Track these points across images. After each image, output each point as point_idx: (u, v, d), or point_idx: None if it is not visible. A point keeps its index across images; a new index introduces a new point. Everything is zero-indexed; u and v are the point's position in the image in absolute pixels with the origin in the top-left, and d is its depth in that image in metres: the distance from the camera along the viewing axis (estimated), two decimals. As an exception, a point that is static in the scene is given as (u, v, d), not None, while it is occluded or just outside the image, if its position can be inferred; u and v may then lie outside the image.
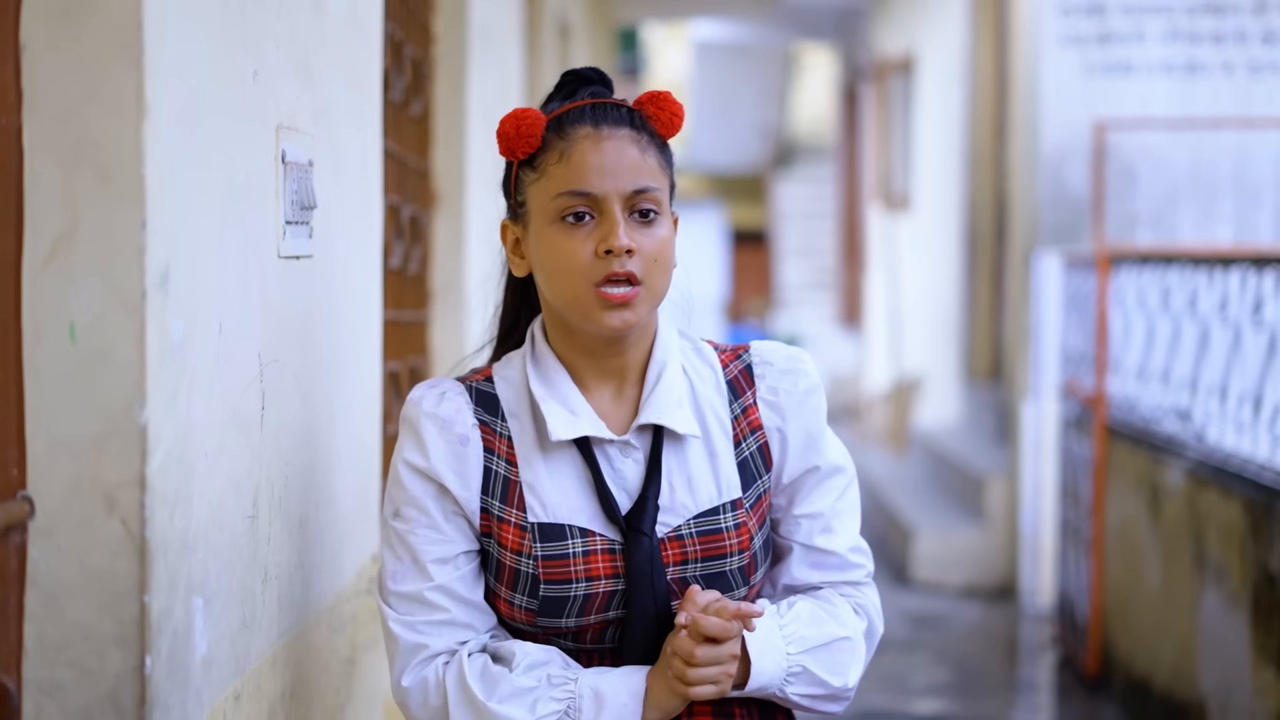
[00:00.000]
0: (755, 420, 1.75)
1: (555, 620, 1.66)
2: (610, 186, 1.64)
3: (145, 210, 1.37)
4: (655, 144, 1.69)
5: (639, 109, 1.70)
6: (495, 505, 1.67)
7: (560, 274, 1.64)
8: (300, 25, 1.92)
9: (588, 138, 1.65)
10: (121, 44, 1.36)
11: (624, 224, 1.64)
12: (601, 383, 1.71)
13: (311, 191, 1.94)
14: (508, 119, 1.70)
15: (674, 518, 1.68)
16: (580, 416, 1.68)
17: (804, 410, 1.76)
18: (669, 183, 1.71)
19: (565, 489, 1.68)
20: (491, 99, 3.95)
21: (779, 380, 1.76)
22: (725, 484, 1.71)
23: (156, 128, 1.39)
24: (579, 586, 1.65)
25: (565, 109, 1.68)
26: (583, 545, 1.65)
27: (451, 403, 1.70)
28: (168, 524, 1.44)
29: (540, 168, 1.68)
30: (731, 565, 1.69)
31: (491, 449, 1.69)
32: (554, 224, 1.65)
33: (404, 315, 3.21)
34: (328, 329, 2.11)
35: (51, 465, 1.38)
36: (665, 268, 1.67)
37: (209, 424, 1.57)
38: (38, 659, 1.38)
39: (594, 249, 1.63)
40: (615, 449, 1.69)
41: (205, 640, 1.56)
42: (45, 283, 1.37)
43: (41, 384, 1.38)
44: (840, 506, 1.78)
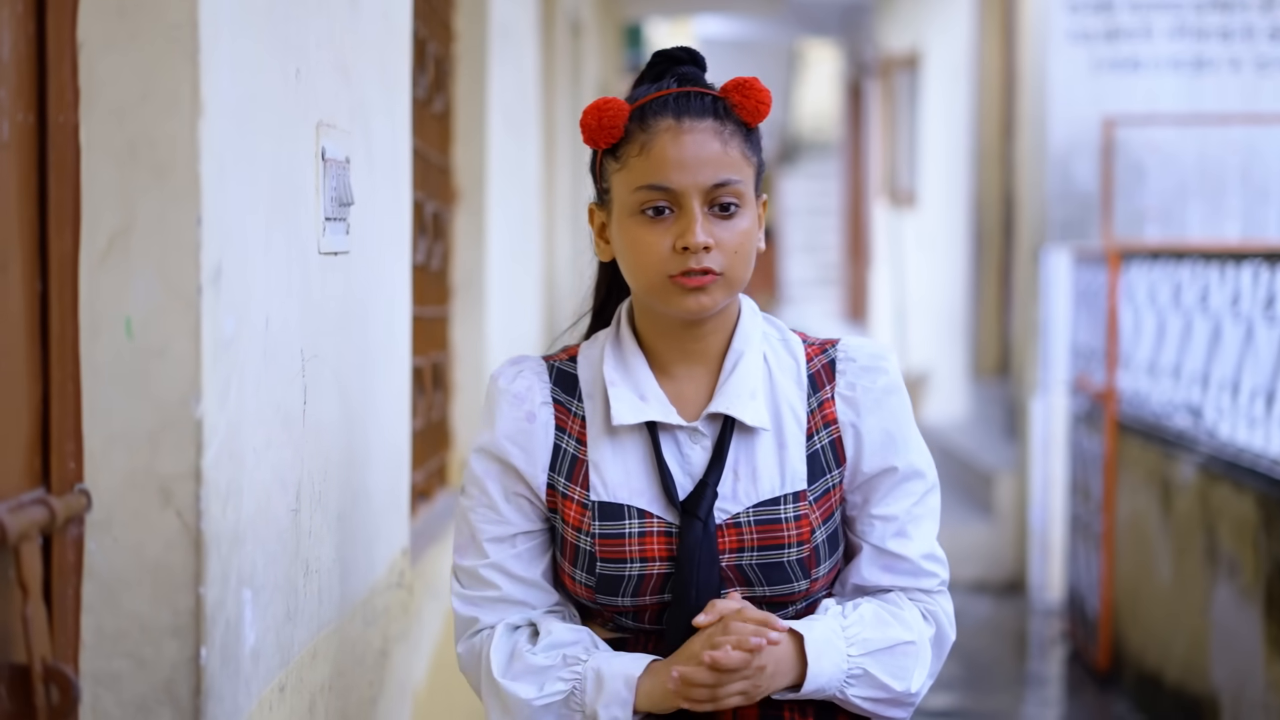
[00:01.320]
0: (830, 414, 1.74)
1: (612, 598, 1.68)
2: (689, 181, 1.64)
3: (200, 206, 1.39)
4: (740, 132, 1.68)
5: (724, 97, 1.69)
6: (561, 482, 1.70)
7: (639, 265, 1.66)
8: (338, 24, 1.94)
9: (668, 130, 1.65)
10: (177, 42, 1.37)
11: (702, 219, 1.64)
12: (681, 366, 1.73)
13: (349, 188, 1.96)
14: (590, 109, 1.70)
15: (734, 505, 1.69)
16: (649, 402, 1.69)
17: (881, 409, 1.75)
18: (754, 170, 1.70)
19: (629, 470, 1.70)
20: (510, 95, 3.97)
21: (858, 377, 1.76)
22: (791, 475, 1.71)
23: (211, 125, 1.41)
24: (633, 566, 1.67)
25: (648, 99, 1.68)
26: (639, 526, 1.67)
27: (525, 380, 1.73)
28: (220, 517, 1.46)
29: (622, 159, 1.68)
30: (789, 556, 1.69)
31: (563, 427, 1.72)
32: (634, 215, 1.66)
33: (426, 311, 3.23)
34: (362, 325, 2.13)
35: (108, 459, 1.40)
36: (745, 259, 1.67)
37: (257, 418, 1.59)
38: (95, 650, 1.40)
39: (672, 243, 1.64)
40: (684, 434, 1.71)
41: (254, 632, 1.58)
42: (102, 278, 1.39)
43: (98, 379, 1.39)
44: (917, 512, 1.76)
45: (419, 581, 2.68)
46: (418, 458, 3.11)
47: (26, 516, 1.24)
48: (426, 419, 3.21)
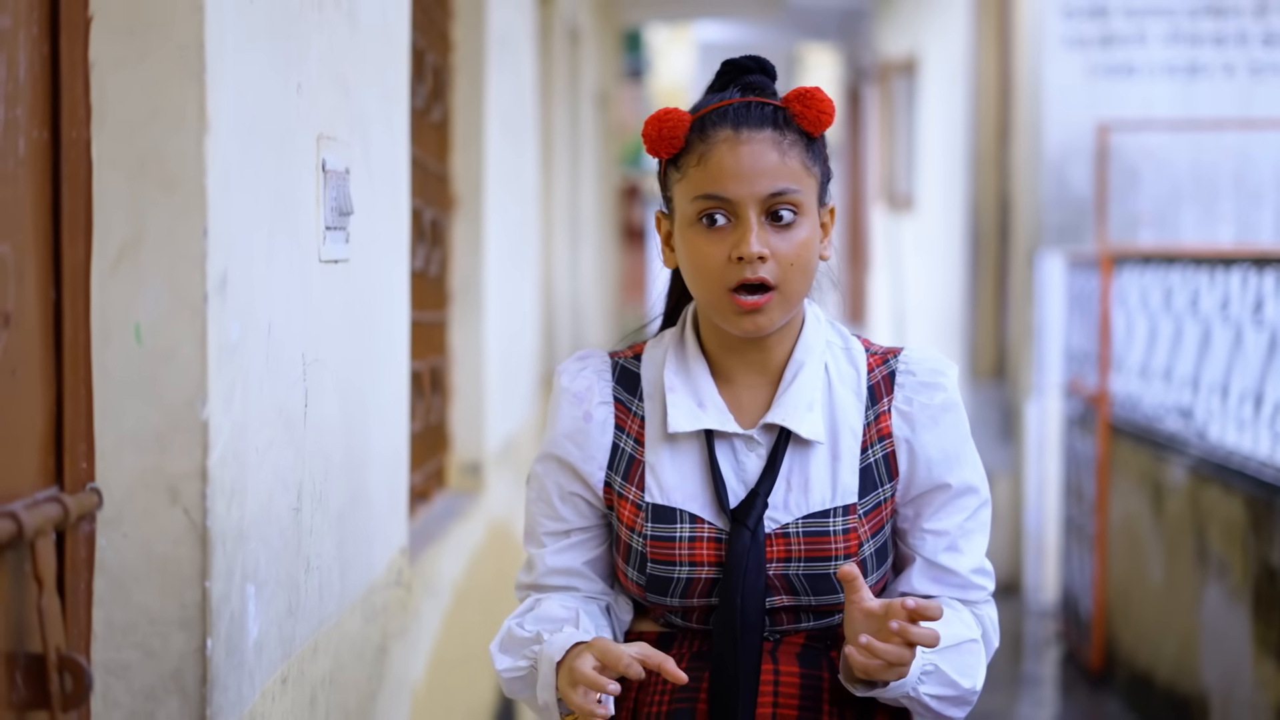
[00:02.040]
0: (886, 428, 1.75)
1: (661, 598, 1.72)
2: (745, 191, 1.65)
3: (207, 218, 1.46)
4: (801, 142, 1.69)
5: (785, 106, 1.69)
6: (618, 481, 1.74)
7: (698, 275, 1.68)
8: (338, 39, 2.01)
9: (726, 141, 1.66)
10: (185, 62, 1.44)
11: (758, 230, 1.65)
12: (742, 374, 1.74)
13: (349, 198, 2.02)
14: (651, 120, 1.71)
15: (784, 515, 1.71)
16: (707, 409, 1.72)
17: (937, 425, 1.75)
18: (817, 180, 1.71)
19: (684, 475, 1.72)
20: (508, 103, 4.04)
21: (916, 392, 1.76)
22: (842, 488, 1.72)
23: (217, 140, 1.48)
24: (682, 569, 1.70)
25: (709, 109, 1.70)
26: (690, 531, 1.70)
27: (585, 379, 1.77)
28: (225, 514, 1.52)
29: (683, 168, 1.70)
30: (836, 569, 1.69)
31: (623, 427, 1.75)
32: (693, 225, 1.68)
33: (425, 316, 3.30)
34: (362, 330, 2.20)
35: (119, 459, 1.47)
36: (804, 270, 1.68)
37: (260, 420, 1.66)
38: (106, 641, 1.47)
39: (728, 253, 1.65)
40: (740, 441, 1.73)
41: (257, 625, 1.64)
42: (113, 287, 1.46)
43: (109, 382, 1.46)
44: (969, 526, 1.77)
45: (417, 580, 2.75)
46: (416, 460, 3.17)
47: (41, 513, 1.30)
48: (425, 422, 3.27)
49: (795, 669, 1.72)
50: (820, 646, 1.74)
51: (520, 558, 1.87)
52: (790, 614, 1.72)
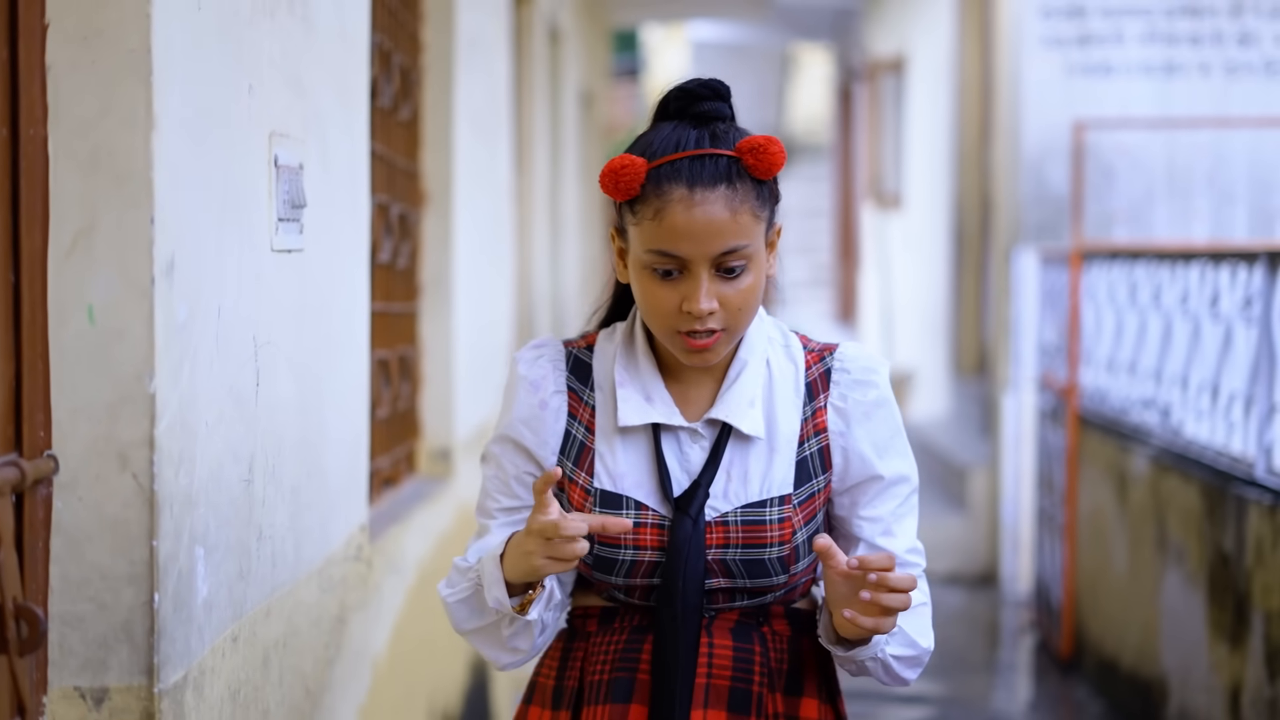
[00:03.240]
0: (822, 424, 1.85)
1: (607, 576, 1.82)
2: (698, 251, 1.72)
3: (154, 208, 1.59)
4: (752, 191, 1.76)
5: (738, 157, 1.75)
6: (569, 466, 1.84)
7: (650, 314, 1.78)
8: (292, 43, 2.14)
9: (681, 201, 1.72)
10: (133, 65, 1.58)
11: (708, 283, 1.73)
12: (688, 372, 1.84)
13: (302, 191, 2.15)
14: (609, 170, 1.76)
15: (724, 504, 1.80)
16: (655, 403, 1.81)
17: (870, 420, 1.85)
18: (765, 221, 1.78)
19: (632, 463, 1.82)
20: (479, 103, 4.17)
21: (850, 389, 1.85)
22: (779, 480, 1.82)
23: (163, 137, 1.61)
24: (626, 552, 1.79)
25: (664, 161, 1.74)
26: (635, 517, 1.80)
27: (541, 368, 1.86)
28: (173, 480, 1.66)
29: (639, 216, 1.76)
30: (771, 554, 1.80)
31: (575, 415, 1.85)
32: (647, 270, 1.76)
33: (394, 307, 3.43)
34: (319, 317, 2.33)
35: (73, 428, 1.60)
36: (749, 311, 1.78)
37: (209, 396, 1.79)
38: (61, 595, 1.60)
39: (679, 303, 1.74)
40: (685, 434, 1.82)
41: (206, 585, 1.78)
42: (67, 272, 1.59)
43: (64, 359, 1.60)
44: (901, 511, 1.87)
45: (380, 558, 2.88)
46: (385, 445, 3.30)
47: (1, 475, 1.44)
48: (393, 409, 3.40)
49: (729, 643, 1.83)
50: (753, 622, 1.85)
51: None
52: (726, 594, 1.82)
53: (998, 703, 5.69)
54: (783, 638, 1.87)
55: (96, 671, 1.61)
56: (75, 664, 1.61)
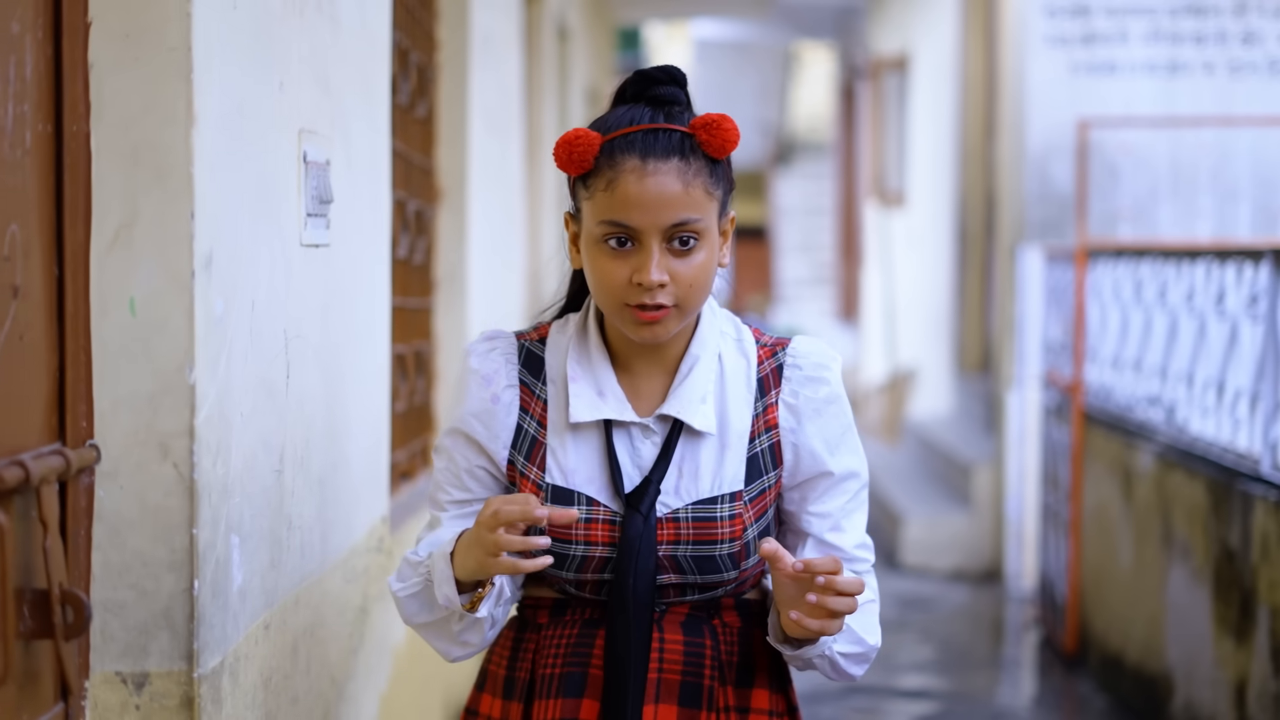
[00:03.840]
0: (772, 419, 1.84)
1: (557, 571, 1.81)
2: (649, 221, 1.72)
3: (194, 203, 1.63)
4: (705, 168, 1.77)
5: (692, 134, 1.76)
6: (520, 460, 1.83)
7: (601, 289, 1.77)
8: (320, 40, 2.17)
9: (634, 171, 1.73)
10: (174, 63, 1.61)
11: (659, 257, 1.73)
12: (641, 365, 1.84)
13: (329, 187, 2.19)
14: (562, 142, 1.78)
15: (675, 500, 1.80)
16: (607, 399, 1.81)
17: (821, 417, 1.85)
18: (717, 201, 1.79)
19: (583, 458, 1.81)
20: (492, 100, 4.20)
21: (802, 386, 1.85)
22: (729, 477, 1.82)
23: (202, 133, 1.64)
24: (578, 548, 1.79)
25: (618, 134, 1.76)
26: (587, 513, 1.79)
27: (494, 362, 1.85)
28: (211, 469, 1.69)
29: (591, 189, 1.77)
30: (721, 551, 1.80)
31: (527, 409, 1.83)
32: (598, 244, 1.76)
33: (410, 302, 3.46)
34: (343, 311, 2.36)
35: (115, 418, 1.64)
36: (701, 289, 1.77)
37: (244, 387, 1.82)
38: (103, 581, 1.64)
39: (630, 275, 1.74)
40: (637, 429, 1.82)
41: (241, 573, 1.81)
42: (110, 265, 1.63)
43: (107, 350, 1.63)
44: (850, 507, 1.87)
45: (400, 548, 2.91)
46: (401, 439, 3.33)
47: (46, 464, 1.47)
48: (409, 403, 3.44)
49: (680, 637, 1.83)
50: (703, 615, 1.85)
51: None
52: (677, 589, 1.82)
53: (1002, 698, 5.72)
54: (733, 630, 1.87)
55: (137, 657, 1.64)
56: (116, 649, 1.64)
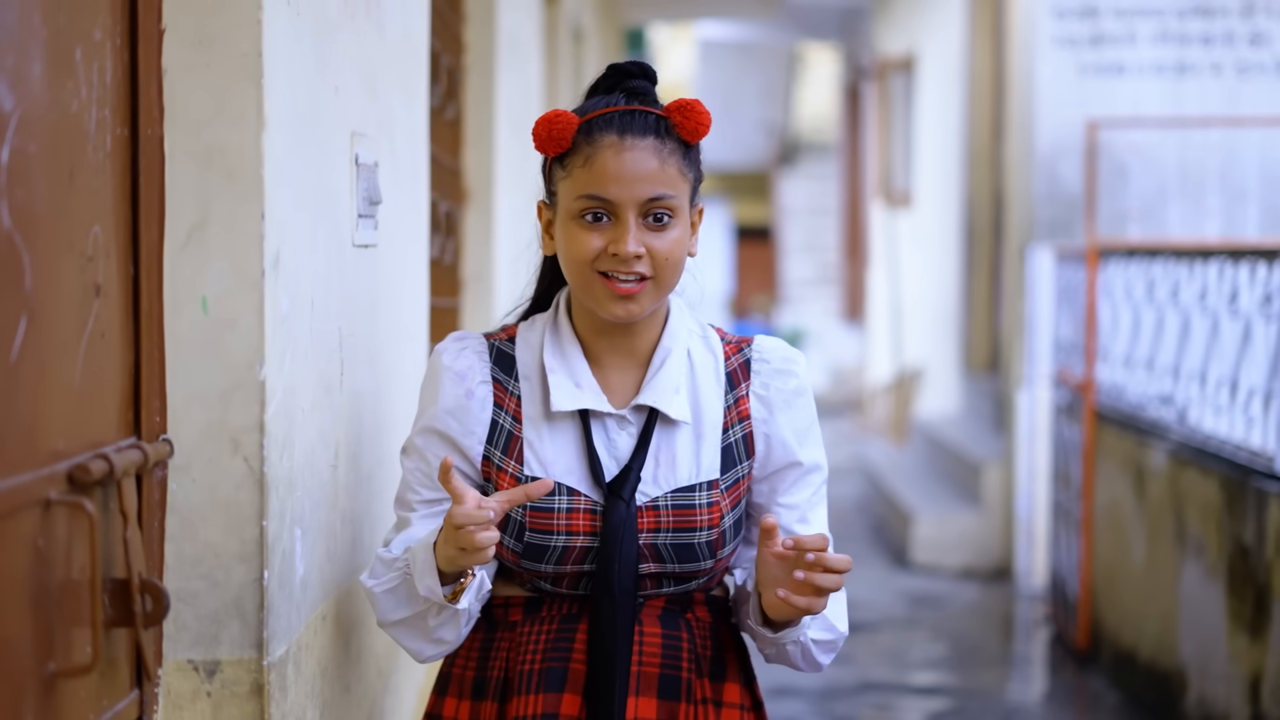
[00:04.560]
0: (745, 411, 1.90)
1: (536, 564, 1.84)
2: (626, 194, 1.78)
3: (264, 204, 1.67)
4: (679, 150, 1.83)
5: (666, 116, 1.83)
6: (497, 455, 1.86)
7: (575, 262, 1.81)
8: (369, 46, 2.22)
9: (611, 146, 1.80)
10: (245, 68, 1.66)
11: (635, 230, 1.79)
12: (612, 358, 1.88)
13: (378, 188, 2.24)
14: (541, 121, 1.83)
15: (654, 489, 1.84)
16: (584, 389, 1.84)
17: (790, 409, 1.91)
18: (690, 184, 1.85)
19: (561, 450, 1.85)
20: (516, 102, 4.25)
21: (771, 378, 1.91)
22: (706, 466, 1.86)
23: (271, 136, 1.69)
24: (559, 538, 1.82)
25: (595, 114, 1.82)
26: (568, 503, 1.82)
27: (466, 359, 1.88)
28: (279, 463, 1.74)
29: (568, 168, 1.82)
30: (700, 539, 1.85)
31: (501, 405, 1.87)
32: (575, 219, 1.81)
33: (440, 302, 3.51)
34: (389, 309, 2.41)
35: (187, 413, 1.69)
36: (675, 265, 1.82)
37: (305, 384, 1.87)
38: (176, 572, 1.69)
39: (605, 246, 1.79)
40: (613, 420, 1.86)
41: (303, 564, 1.86)
42: (182, 264, 1.67)
43: (180, 347, 1.68)
44: (814, 499, 1.94)
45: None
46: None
47: (127, 457, 1.52)
48: (440, 401, 3.49)
49: (657, 629, 1.87)
50: (678, 609, 1.89)
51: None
52: (654, 580, 1.86)
53: (1014, 694, 5.77)
54: (705, 624, 1.91)
55: (209, 645, 1.69)
56: (189, 638, 1.69)
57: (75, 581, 1.43)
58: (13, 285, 1.30)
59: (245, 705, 1.69)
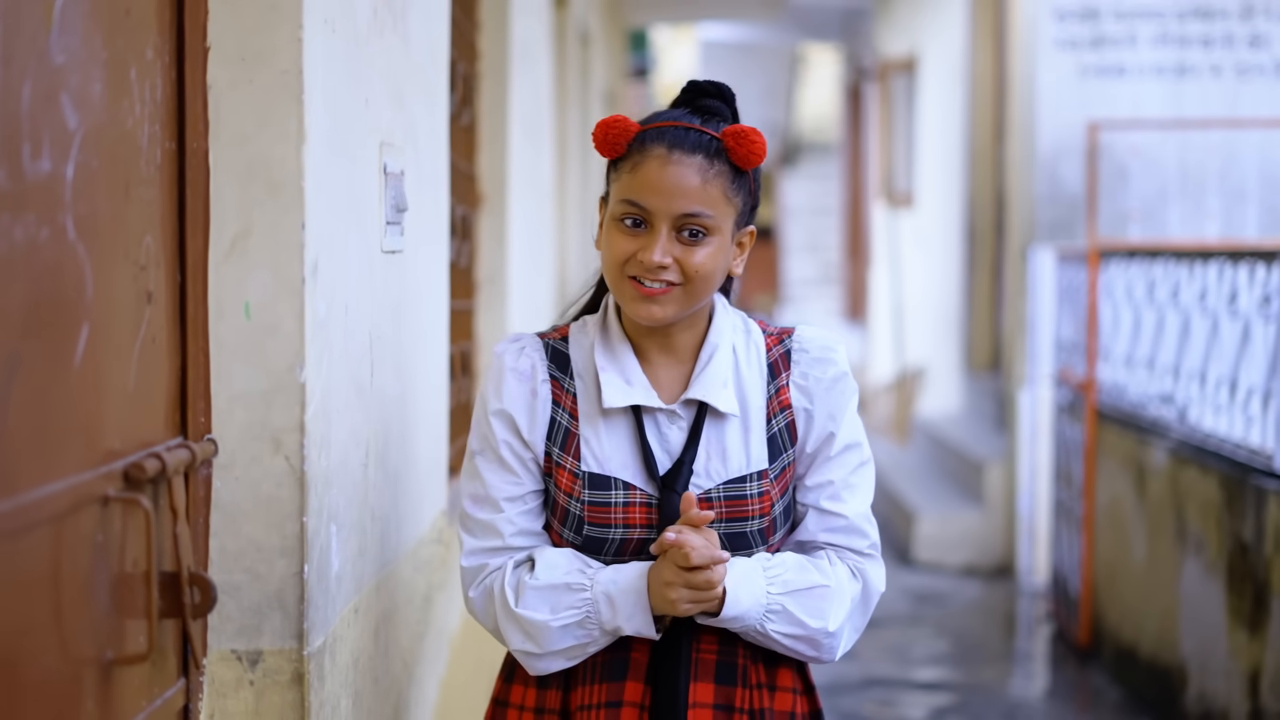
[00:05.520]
0: (786, 400, 1.95)
1: (596, 555, 1.90)
2: (662, 206, 1.85)
3: (304, 215, 1.75)
4: (728, 174, 1.88)
5: (720, 139, 1.88)
6: (556, 451, 1.92)
7: (609, 262, 1.89)
8: (395, 58, 2.30)
9: (658, 158, 1.86)
10: (286, 85, 1.73)
11: (665, 241, 1.85)
12: (661, 356, 1.95)
13: (404, 196, 2.31)
14: (601, 124, 1.91)
15: (706, 481, 1.90)
16: (634, 386, 1.91)
17: (830, 395, 1.96)
18: (737, 208, 1.90)
19: (616, 445, 1.91)
20: (527, 106, 4.32)
21: (811, 367, 1.96)
22: (754, 456, 1.92)
23: (311, 150, 1.77)
24: (616, 531, 1.89)
25: (653, 125, 1.89)
26: (624, 496, 1.89)
27: (528, 358, 1.95)
28: (317, 462, 1.82)
29: (620, 171, 1.90)
30: (751, 527, 1.90)
31: (559, 402, 1.93)
32: (616, 221, 1.88)
33: (455, 304, 3.58)
34: (413, 313, 2.49)
35: (231, 414, 1.76)
36: (705, 279, 1.87)
37: (339, 386, 1.95)
38: (220, 566, 1.76)
39: (636, 251, 1.86)
40: (664, 415, 1.92)
41: (338, 560, 1.93)
42: (226, 272, 1.75)
43: (223, 351, 1.75)
44: (852, 480, 1.97)
45: (454, 541, 3.04)
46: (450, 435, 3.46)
47: (177, 456, 1.60)
48: (456, 401, 3.56)
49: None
50: None
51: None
52: None
53: (1016, 690, 5.83)
54: None
55: (251, 636, 1.77)
56: (232, 629, 1.76)
57: (130, 574, 1.51)
58: (76, 294, 1.38)
59: (286, 693, 1.77)
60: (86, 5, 1.40)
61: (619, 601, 1.87)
